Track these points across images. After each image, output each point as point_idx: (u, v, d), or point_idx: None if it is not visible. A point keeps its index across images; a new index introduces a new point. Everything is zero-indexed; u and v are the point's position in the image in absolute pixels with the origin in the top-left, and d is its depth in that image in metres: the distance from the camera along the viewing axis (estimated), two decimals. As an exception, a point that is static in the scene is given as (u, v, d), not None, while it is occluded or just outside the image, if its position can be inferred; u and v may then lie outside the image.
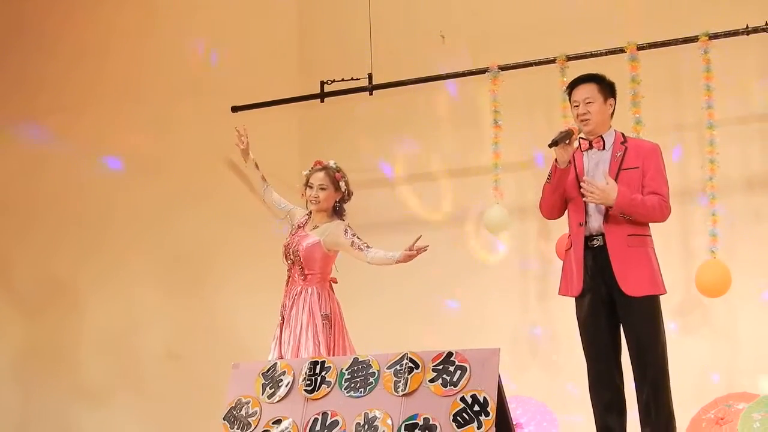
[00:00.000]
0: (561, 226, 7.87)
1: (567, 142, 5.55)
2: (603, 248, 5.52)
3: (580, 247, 5.60)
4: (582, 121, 5.66)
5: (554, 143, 5.54)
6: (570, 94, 5.77)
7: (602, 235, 5.55)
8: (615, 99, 5.77)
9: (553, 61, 8.11)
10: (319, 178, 6.54)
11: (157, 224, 9.07)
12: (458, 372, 5.01)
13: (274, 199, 6.88)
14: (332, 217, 6.58)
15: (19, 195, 9.02)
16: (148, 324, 8.97)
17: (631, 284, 5.46)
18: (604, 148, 5.66)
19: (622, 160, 5.58)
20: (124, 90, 9.16)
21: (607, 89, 5.72)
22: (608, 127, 5.71)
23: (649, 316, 5.50)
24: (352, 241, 6.40)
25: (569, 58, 8.05)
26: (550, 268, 8.43)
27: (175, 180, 9.08)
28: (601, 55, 7.98)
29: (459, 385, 4.98)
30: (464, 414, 4.90)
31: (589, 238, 5.58)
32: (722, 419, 6.94)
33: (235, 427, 5.38)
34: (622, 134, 5.75)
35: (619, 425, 5.60)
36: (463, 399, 4.93)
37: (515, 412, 7.27)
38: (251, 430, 5.33)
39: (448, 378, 5.02)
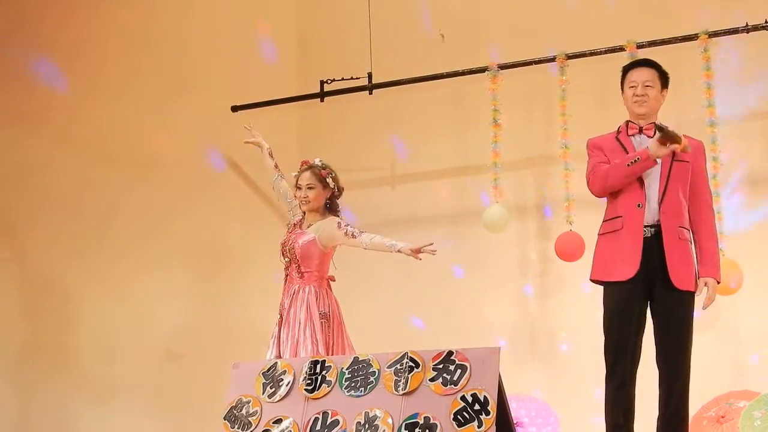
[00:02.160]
0: (560, 225, 7.92)
1: (668, 140, 5.37)
2: (653, 239, 5.42)
3: (639, 229, 5.44)
4: (636, 102, 5.58)
5: (666, 134, 5.35)
6: (626, 74, 5.68)
7: (653, 226, 5.44)
8: (667, 91, 5.70)
9: (552, 59, 8.11)
10: (305, 177, 6.53)
11: (158, 223, 9.07)
12: (458, 371, 5.01)
13: (282, 188, 6.85)
14: (325, 215, 6.57)
15: (19, 193, 9.01)
16: (149, 323, 8.96)
17: (680, 277, 5.39)
18: (654, 137, 5.53)
19: (674, 151, 5.44)
20: (123, 88, 9.15)
21: (664, 79, 5.66)
22: (656, 116, 5.64)
23: (688, 312, 5.43)
24: (346, 231, 6.37)
25: (569, 57, 8.06)
26: (550, 267, 8.44)
27: (175, 179, 9.08)
28: (600, 53, 7.99)
29: (459, 384, 4.97)
30: (465, 413, 4.89)
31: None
32: (723, 417, 6.94)
33: (236, 426, 5.38)
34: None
35: (628, 421, 5.51)
36: (463, 398, 4.93)
37: (516, 411, 7.27)
38: (252, 429, 5.33)
39: (448, 377, 5.02)
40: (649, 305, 5.51)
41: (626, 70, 5.72)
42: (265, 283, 8.96)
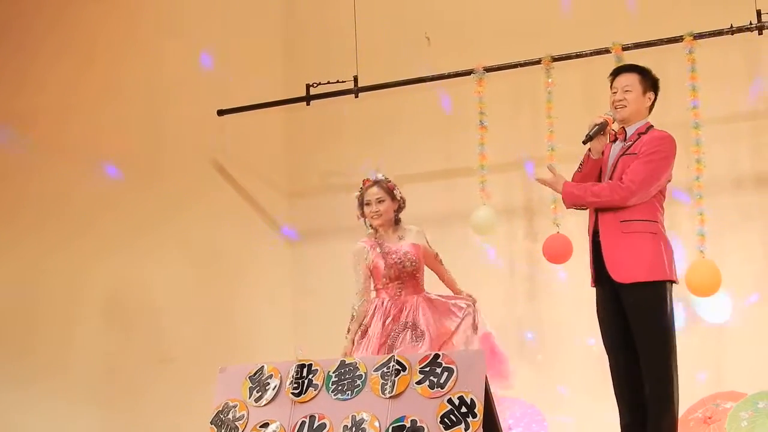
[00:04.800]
0: (547, 227, 7.93)
1: (602, 133, 5.56)
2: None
3: (590, 237, 5.61)
4: (616, 107, 5.64)
5: (588, 138, 5.55)
6: (612, 82, 5.74)
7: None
8: (656, 94, 5.72)
9: (538, 62, 8.11)
10: (374, 192, 6.52)
11: (145, 227, 9.04)
12: (445, 374, 5.01)
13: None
14: (399, 225, 6.55)
15: (3, 195, 8.96)
16: (140, 327, 8.94)
17: (621, 271, 5.40)
18: (625, 139, 5.63)
19: (630, 146, 5.55)
20: (109, 93, 9.12)
21: (649, 82, 5.69)
22: (641, 118, 5.67)
23: (646, 304, 5.39)
24: (436, 254, 6.57)
25: (554, 59, 8.06)
26: (538, 269, 8.45)
27: (161, 183, 9.05)
28: (586, 55, 8.00)
29: (446, 387, 4.97)
30: (451, 415, 4.89)
31: (596, 233, 5.55)
32: (710, 418, 6.95)
33: (223, 430, 5.37)
34: (649, 126, 5.67)
35: (638, 415, 5.49)
36: (450, 401, 4.93)
37: (504, 414, 7.27)
38: (238, 433, 5.33)
39: (435, 380, 5.01)
40: None
41: (611, 76, 5.78)
42: (253, 282, 8.99)
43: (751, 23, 7.65)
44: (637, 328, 5.43)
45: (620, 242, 5.43)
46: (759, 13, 7.61)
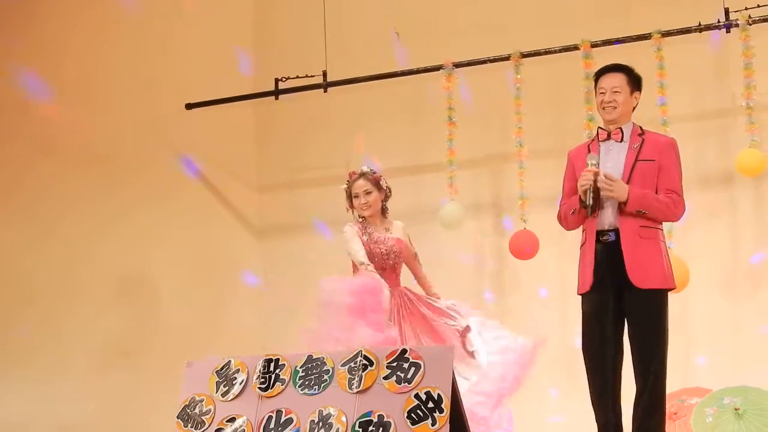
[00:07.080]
0: (514, 223, 7.95)
1: (598, 196, 5.49)
2: (615, 242, 5.46)
3: (592, 240, 5.53)
4: (605, 108, 5.62)
5: (592, 210, 5.48)
6: (597, 80, 5.71)
7: (615, 230, 5.48)
8: (640, 93, 5.71)
9: (507, 58, 8.13)
10: (360, 185, 6.58)
11: (113, 222, 8.99)
12: (412, 369, 5.00)
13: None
14: (385, 216, 6.64)
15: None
16: (104, 321, 8.89)
17: (641, 276, 5.40)
18: (622, 140, 5.60)
19: (639, 151, 5.54)
20: (77, 86, 9.06)
21: (635, 82, 5.67)
22: (629, 119, 5.66)
23: (657, 310, 5.45)
24: (415, 253, 6.62)
25: (524, 56, 8.09)
26: (505, 265, 8.47)
27: (128, 178, 9.00)
28: (555, 52, 8.03)
29: (413, 382, 4.96)
30: (418, 411, 4.89)
31: (601, 233, 5.51)
32: (675, 414, 6.98)
33: (189, 425, 5.34)
34: (640, 127, 5.67)
35: (615, 416, 5.53)
36: (417, 396, 4.92)
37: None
38: (205, 428, 5.29)
39: (402, 375, 5.01)
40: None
41: (597, 76, 5.75)
42: (220, 281, 8.96)
43: (719, 21, 7.70)
44: (640, 330, 5.46)
45: (640, 248, 5.43)
46: (727, 12, 7.66)
